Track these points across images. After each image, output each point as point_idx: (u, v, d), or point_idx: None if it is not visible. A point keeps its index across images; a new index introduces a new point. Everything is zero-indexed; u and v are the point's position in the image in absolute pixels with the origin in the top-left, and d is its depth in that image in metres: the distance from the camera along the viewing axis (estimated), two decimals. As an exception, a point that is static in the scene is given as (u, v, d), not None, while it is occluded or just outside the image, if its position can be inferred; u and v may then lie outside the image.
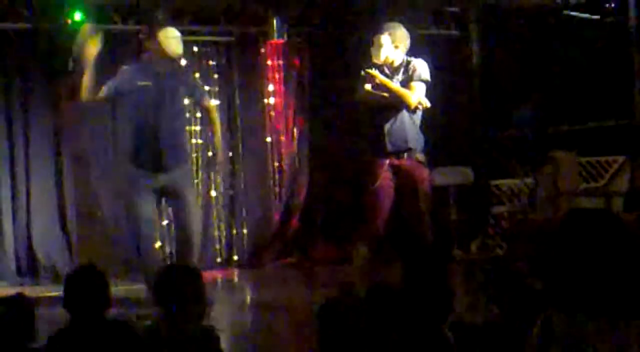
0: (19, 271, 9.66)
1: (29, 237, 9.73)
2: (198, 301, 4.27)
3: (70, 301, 4.34)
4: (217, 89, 10.31)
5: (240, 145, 10.49)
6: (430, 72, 7.41)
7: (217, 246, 10.29)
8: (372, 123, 7.44)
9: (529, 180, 9.71)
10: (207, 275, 8.09)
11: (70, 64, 9.65)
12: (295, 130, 10.72)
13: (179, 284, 4.24)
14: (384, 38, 7.36)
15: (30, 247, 9.72)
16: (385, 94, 7.30)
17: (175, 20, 9.95)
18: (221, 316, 7.44)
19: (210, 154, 9.64)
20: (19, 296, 4.40)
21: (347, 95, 8.08)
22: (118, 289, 8.43)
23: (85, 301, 4.30)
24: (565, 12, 10.33)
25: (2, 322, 4.24)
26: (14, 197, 9.69)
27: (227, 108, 10.45)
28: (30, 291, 8.79)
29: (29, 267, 9.70)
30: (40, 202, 9.79)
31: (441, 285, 4.28)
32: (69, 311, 4.36)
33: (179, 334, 4.21)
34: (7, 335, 4.23)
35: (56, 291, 8.52)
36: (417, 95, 7.30)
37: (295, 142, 10.69)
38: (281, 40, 10.52)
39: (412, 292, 4.21)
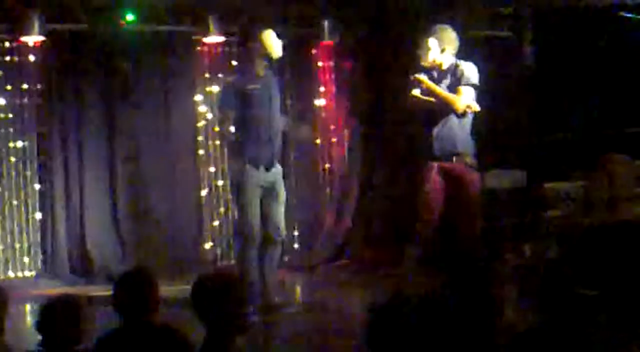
0: (72, 270, 9.76)
1: (83, 237, 9.83)
2: (236, 311, 4.19)
3: (119, 303, 4.36)
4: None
5: (291, 147, 10.49)
6: (481, 75, 7.35)
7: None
8: (422, 126, 7.40)
9: (583, 183, 9.58)
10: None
11: (124, 65, 9.79)
12: (346, 132, 10.68)
13: (216, 294, 4.17)
14: (432, 41, 7.31)
15: (83, 247, 9.82)
16: (432, 99, 7.26)
17: (227, 21, 10.01)
18: (271, 317, 7.44)
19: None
20: (65, 298, 4.41)
21: (398, 97, 8.05)
22: (170, 289, 8.48)
23: (133, 303, 4.32)
24: (621, 13, 10.18)
25: (48, 324, 4.27)
26: (67, 197, 9.80)
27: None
28: (83, 291, 8.88)
29: (83, 267, 9.80)
30: (93, 201, 9.89)
31: (486, 294, 4.23)
32: (119, 313, 4.38)
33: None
34: (53, 337, 4.25)
35: (109, 291, 8.56)
36: (464, 100, 7.24)
37: (347, 143, 10.65)
38: (332, 42, 10.50)
39: (457, 301, 4.17)
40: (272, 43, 7.55)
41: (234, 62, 10.23)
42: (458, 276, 4.73)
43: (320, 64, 10.71)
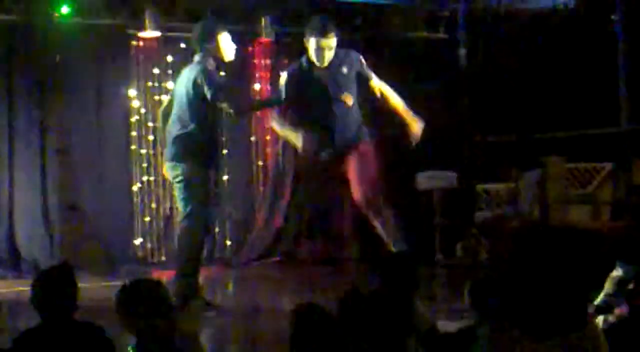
0: (0, 264, 9.62)
1: (12, 231, 9.70)
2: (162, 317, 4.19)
3: (37, 300, 4.29)
4: (203, 86, 10.25)
5: (225, 144, 10.45)
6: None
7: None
8: (321, 120, 7.36)
9: (515, 184, 9.68)
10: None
11: (57, 58, 9.70)
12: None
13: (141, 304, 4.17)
14: (334, 41, 7.24)
15: (12, 241, 9.70)
16: None
17: (165, 16, 9.95)
18: (200, 316, 7.40)
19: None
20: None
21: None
22: (99, 285, 8.43)
23: (51, 301, 4.25)
24: (555, 18, 10.32)
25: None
26: (-4, 190, 9.67)
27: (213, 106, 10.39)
28: (10, 285, 8.82)
29: (11, 261, 9.67)
30: (23, 195, 9.77)
31: (404, 294, 4.25)
32: (37, 311, 4.31)
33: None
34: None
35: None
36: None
37: (280, 141, 10.63)
38: (270, 39, 10.48)
39: (377, 299, 4.18)
40: (226, 46, 7.45)
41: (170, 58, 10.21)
42: (384, 273, 4.74)
43: (256, 61, 10.67)
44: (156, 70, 10.21)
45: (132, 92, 10.18)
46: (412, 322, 4.18)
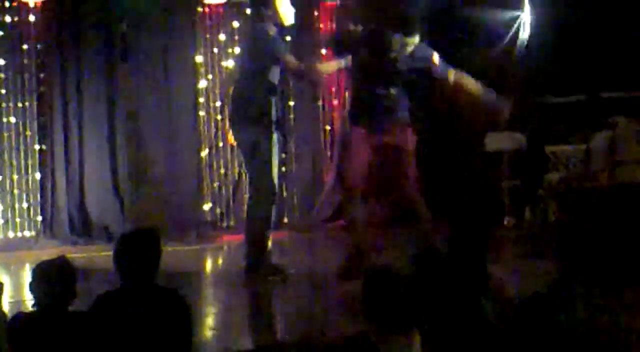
0: (72, 230, 9.78)
1: (82, 197, 9.85)
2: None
3: (120, 263, 4.37)
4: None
5: (292, 108, 10.46)
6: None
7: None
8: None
9: (584, 146, 9.57)
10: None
11: (124, 26, 9.77)
12: (347, 94, 10.62)
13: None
14: None
15: (83, 207, 9.85)
16: None
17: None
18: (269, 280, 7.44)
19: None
20: (56, 260, 4.42)
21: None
22: (168, 250, 8.50)
23: (135, 265, 4.33)
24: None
25: (39, 285, 4.29)
26: (67, 157, 9.80)
27: (280, 71, 10.39)
28: (82, 251, 8.96)
29: (82, 227, 9.83)
30: (93, 162, 9.90)
31: (474, 256, 4.23)
32: (120, 272, 4.39)
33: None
34: (46, 297, 4.27)
35: (108, 251, 8.60)
36: None
37: (347, 106, 10.59)
38: (334, 3, 10.44)
39: (453, 258, 4.18)
40: (285, 11, 7.47)
41: (236, 23, 10.22)
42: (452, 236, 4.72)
43: (321, 25, 10.63)
44: (222, 36, 10.24)
45: (199, 59, 10.22)
46: (486, 284, 4.16)
